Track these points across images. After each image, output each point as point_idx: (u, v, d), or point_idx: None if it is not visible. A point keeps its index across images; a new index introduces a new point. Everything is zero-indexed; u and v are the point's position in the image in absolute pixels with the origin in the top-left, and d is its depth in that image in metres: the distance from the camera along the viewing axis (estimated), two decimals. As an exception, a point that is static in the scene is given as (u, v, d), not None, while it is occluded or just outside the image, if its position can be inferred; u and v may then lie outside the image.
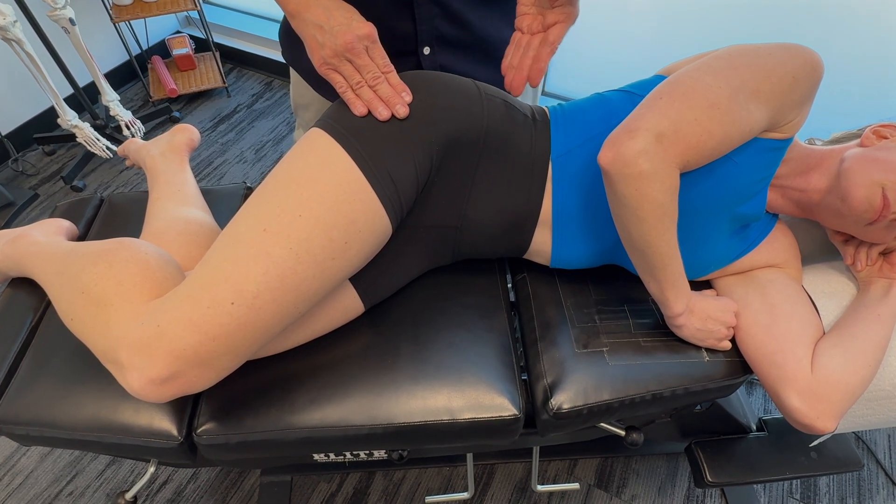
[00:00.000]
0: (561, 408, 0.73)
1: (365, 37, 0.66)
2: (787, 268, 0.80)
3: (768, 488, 1.25)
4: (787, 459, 0.95)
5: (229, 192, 1.06)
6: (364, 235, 0.66)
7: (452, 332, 0.79)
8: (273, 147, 2.13)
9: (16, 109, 2.05)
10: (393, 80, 0.69)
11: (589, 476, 1.27)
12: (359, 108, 0.68)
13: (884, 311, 0.71)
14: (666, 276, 0.68)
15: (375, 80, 0.67)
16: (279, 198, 0.64)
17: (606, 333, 0.80)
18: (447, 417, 0.72)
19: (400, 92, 0.68)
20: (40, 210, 1.91)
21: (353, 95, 0.68)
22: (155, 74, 2.35)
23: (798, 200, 0.76)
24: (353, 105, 0.68)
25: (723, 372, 0.76)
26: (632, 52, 1.79)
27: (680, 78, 0.64)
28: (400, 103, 0.68)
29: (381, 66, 0.68)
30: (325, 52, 0.67)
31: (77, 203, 1.02)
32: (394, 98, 0.68)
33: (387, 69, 0.68)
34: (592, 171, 0.74)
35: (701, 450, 0.97)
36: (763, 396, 1.42)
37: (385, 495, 1.25)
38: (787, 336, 0.71)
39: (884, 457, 1.30)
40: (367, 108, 0.68)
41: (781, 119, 0.66)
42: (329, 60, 0.67)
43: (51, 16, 1.69)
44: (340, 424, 0.71)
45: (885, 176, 0.65)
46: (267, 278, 0.60)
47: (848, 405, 0.68)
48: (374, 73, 0.67)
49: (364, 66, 0.67)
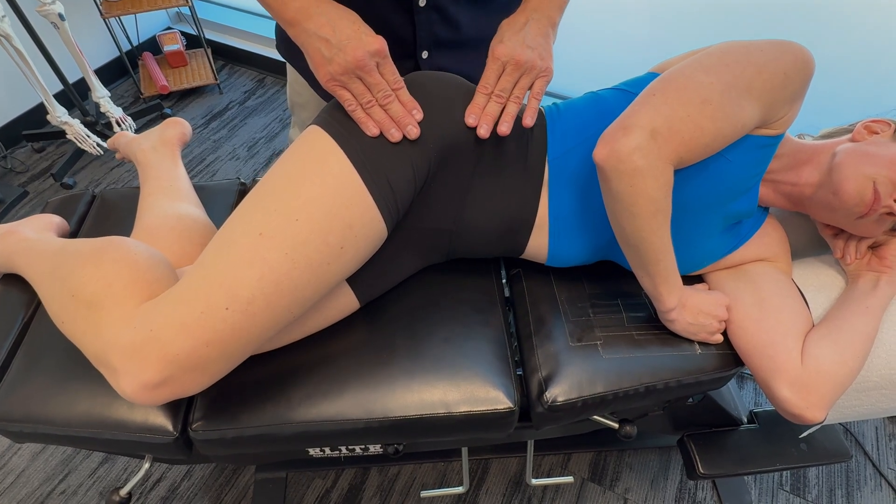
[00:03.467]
0: (556, 400, 0.74)
1: (376, 53, 0.63)
2: (777, 262, 0.81)
3: (759, 480, 1.27)
4: (778, 451, 0.97)
5: (223, 188, 1.05)
6: (360, 240, 0.65)
7: (448, 326, 0.80)
8: (266, 144, 2.12)
9: (4, 106, 2.02)
10: (403, 98, 0.67)
11: (583, 470, 1.28)
12: (371, 129, 0.66)
13: (872, 303, 0.73)
14: (659, 271, 0.69)
15: (386, 98, 0.65)
16: (276, 201, 0.63)
17: (600, 327, 0.80)
18: (443, 411, 0.73)
19: (410, 110, 0.67)
20: (30, 208, 1.89)
21: (364, 115, 0.66)
22: (146, 71, 2.33)
23: (789, 194, 0.77)
24: (363, 125, 0.66)
25: (714, 364, 0.77)
26: (626, 50, 1.80)
27: (673, 75, 0.65)
28: (411, 124, 0.66)
29: (391, 83, 0.66)
30: (334, 69, 0.63)
31: (68, 199, 1.02)
32: (405, 118, 0.66)
33: (397, 86, 0.66)
34: (588, 169, 0.74)
35: (693, 442, 0.98)
36: (754, 390, 1.43)
37: (380, 491, 1.25)
38: (778, 328, 0.72)
39: (872, 449, 1.32)
40: (379, 129, 0.66)
41: (773, 115, 0.67)
42: (338, 77, 0.64)
43: (40, 11, 1.68)
44: (336, 418, 0.72)
45: (876, 170, 0.66)
46: (262, 283, 0.60)
47: (837, 395, 0.69)
48: (385, 92, 0.65)
49: (375, 84, 0.65)
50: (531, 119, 0.70)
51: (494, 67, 0.69)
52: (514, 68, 0.68)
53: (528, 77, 0.69)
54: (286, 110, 2.25)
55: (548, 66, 0.70)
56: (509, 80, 0.69)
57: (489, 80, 0.69)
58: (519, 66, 0.68)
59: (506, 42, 0.69)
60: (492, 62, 0.69)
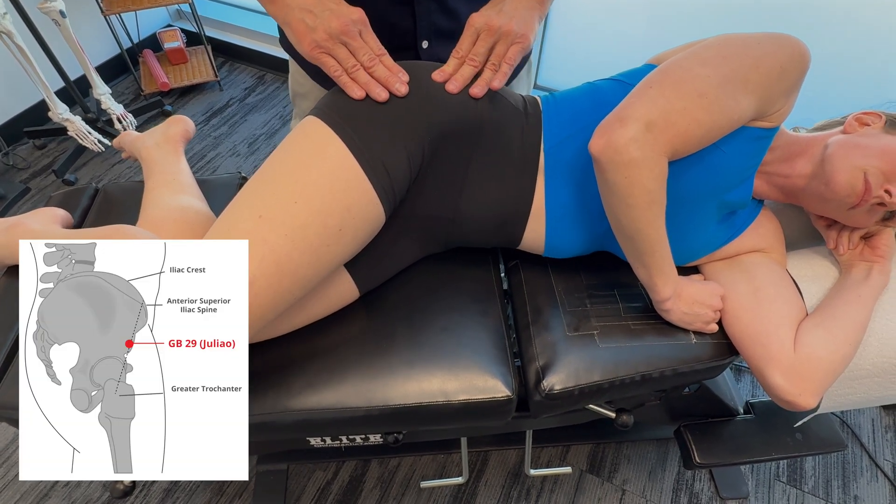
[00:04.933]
0: (553, 389, 0.75)
1: (358, 20, 0.66)
2: (772, 252, 0.82)
3: (756, 472, 1.28)
4: (774, 440, 0.98)
5: (224, 182, 1.06)
6: (358, 222, 0.67)
7: (447, 316, 0.81)
8: (266, 141, 2.13)
9: (6, 103, 2.03)
10: (388, 62, 0.69)
11: (581, 462, 1.30)
12: (356, 91, 0.67)
13: (864, 292, 0.74)
14: (654, 261, 0.70)
15: (371, 61, 0.67)
16: (275, 185, 0.65)
17: (597, 317, 0.81)
18: (442, 399, 0.74)
19: (397, 73, 0.68)
20: (32, 204, 1.90)
21: (349, 79, 0.68)
22: (146, 68, 2.34)
23: (783, 186, 0.78)
24: (349, 88, 0.68)
25: (710, 353, 0.78)
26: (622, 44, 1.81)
27: (670, 67, 0.66)
28: (399, 82, 0.68)
29: (374, 49, 0.68)
30: (318, 35, 0.66)
31: (72, 193, 1.03)
32: (391, 78, 0.68)
33: (380, 52, 0.69)
34: (584, 159, 0.75)
35: (690, 432, 0.99)
36: (751, 382, 1.45)
37: (381, 482, 1.26)
38: (772, 318, 0.73)
39: (868, 440, 1.33)
40: (364, 90, 0.68)
41: (769, 108, 0.67)
42: (322, 43, 0.66)
43: (41, 8, 1.68)
44: (337, 407, 0.73)
45: (866, 161, 0.67)
46: (263, 265, 0.61)
47: (829, 382, 0.70)
48: (369, 55, 0.67)
49: (359, 48, 0.67)
50: (499, 83, 0.71)
51: (469, 34, 0.71)
52: (487, 34, 0.70)
53: (503, 43, 0.71)
54: (286, 107, 2.26)
55: (524, 34, 0.71)
56: (483, 45, 0.70)
57: (463, 46, 0.71)
58: (493, 32, 0.70)
59: (482, 11, 0.71)
60: (466, 29, 0.71)
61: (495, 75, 0.71)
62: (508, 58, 0.71)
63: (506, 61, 0.71)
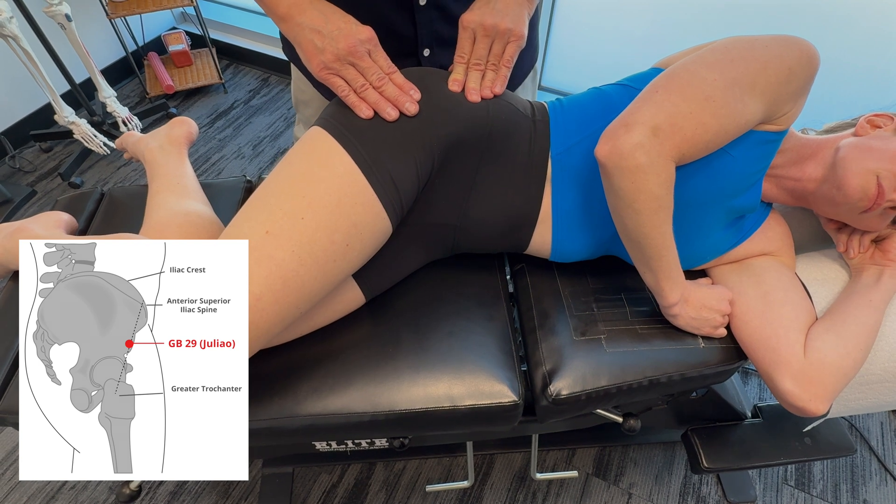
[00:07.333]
0: (560, 394, 0.75)
1: (367, 40, 0.66)
2: (780, 256, 0.81)
3: (763, 476, 1.27)
4: (782, 445, 0.97)
5: (229, 186, 1.06)
6: (365, 237, 0.66)
7: (452, 321, 0.80)
8: (270, 143, 2.13)
9: (12, 106, 2.04)
10: (398, 80, 0.68)
11: (587, 465, 1.29)
12: (364, 111, 0.67)
13: (875, 296, 0.73)
14: (661, 266, 0.70)
15: (380, 80, 0.67)
16: (281, 200, 0.64)
17: (604, 321, 0.81)
18: (448, 404, 0.73)
19: (408, 91, 0.68)
20: (38, 207, 1.91)
21: (357, 99, 0.67)
22: (151, 71, 2.34)
23: (793, 190, 0.77)
24: (357, 109, 0.67)
25: (718, 358, 0.78)
26: (628, 45, 1.80)
27: (676, 71, 0.65)
28: (409, 101, 0.67)
29: (384, 68, 0.67)
30: (326, 57, 0.66)
31: (78, 197, 1.03)
32: (402, 97, 0.67)
33: (390, 70, 0.68)
34: (591, 165, 0.74)
35: (697, 436, 0.98)
36: (758, 386, 1.43)
37: (386, 485, 1.26)
38: (781, 322, 0.73)
39: (877, 444, 1.32)
40: (373, 110, 0.67)
41: (777, 111, 0.67)
42: (330, 65, 0.66)
43: (47, 12, 1.69)
44: (343, 412, 0.73)
45: (879, 164, 0.66)
46: (269, 281, 0.61)
47: (840, 388, 0.69)
48: (378, 75, 0.67)
49: (368, 67, 0.66)
50: (500, 87, 0.72)
51: (465, 35, 0.71)
52: (483, 34, 0.70)
53: (499, 42, 0.71)
54: (291, 109, 2.26)
55: (518, 30, 0.71)
56: (483, 47, 0.71)
57: (464, 49, 0.72)
58: (488, 32, 0.70)
59: (473, 10, 0.71)
60: (462, 31, 0.72)
61: (496, 79, 0.72)
62: (506, 59, 0.72)
63: (504, 63, 0.72)
